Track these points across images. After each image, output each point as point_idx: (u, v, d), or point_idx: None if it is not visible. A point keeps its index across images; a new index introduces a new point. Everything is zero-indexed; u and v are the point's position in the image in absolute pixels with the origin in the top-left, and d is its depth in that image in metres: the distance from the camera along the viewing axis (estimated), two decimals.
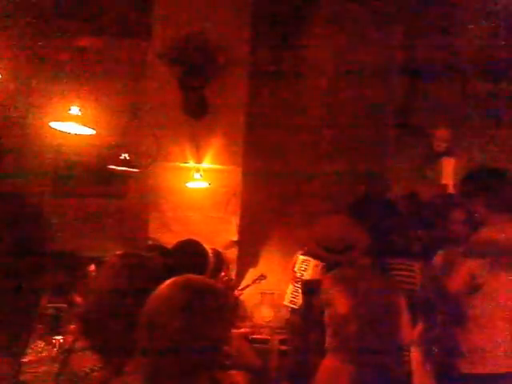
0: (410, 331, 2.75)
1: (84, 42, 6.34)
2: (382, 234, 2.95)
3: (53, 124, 3.77)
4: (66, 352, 2.01)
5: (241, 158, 6.25)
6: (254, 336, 5.87)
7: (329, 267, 3.07)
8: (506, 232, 2.59)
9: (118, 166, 5.31)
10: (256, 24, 6.27)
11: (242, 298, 6.14)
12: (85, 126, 3.70)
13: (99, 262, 5.98)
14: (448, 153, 5.08)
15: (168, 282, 1.38)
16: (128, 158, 5.28)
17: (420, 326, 2.98)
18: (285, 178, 6.32)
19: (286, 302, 5.53)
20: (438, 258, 3.27)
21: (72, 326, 3.41)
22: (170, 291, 1.34)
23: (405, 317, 2.71)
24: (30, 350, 3.32)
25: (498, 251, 2.52)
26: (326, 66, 6.23)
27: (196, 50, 6.07)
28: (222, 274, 5.81)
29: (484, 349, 2.53)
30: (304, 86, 6.36)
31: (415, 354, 2.98)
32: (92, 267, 5.87)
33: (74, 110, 3.63)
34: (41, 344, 3.36)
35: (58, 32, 5.75)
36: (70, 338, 3.09)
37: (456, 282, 2.58)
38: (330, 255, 2.91)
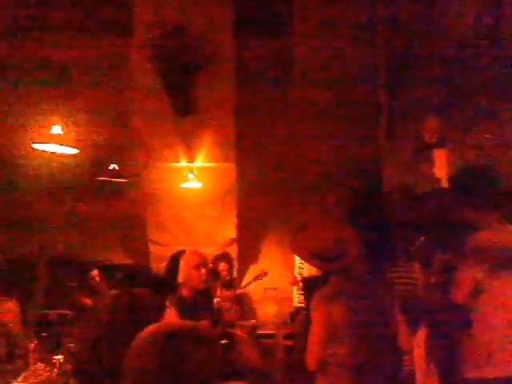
0: (408, 338, 2.72)
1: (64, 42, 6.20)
2: (380, 237, 2.87)
3: (35, 145, 3.68)
4: None
5: (234, 155, 6.19)
6: (259, 332, 5.89)
7: (322, 275, 3.03)
8: (503, 234, 2.55)
9: (108, 177, 5.28)
10: (239, 18, 6.16)
11: (244, 294, 6.16)
12: (68, 145, 3.62)
13: (101, 268, 6.00)
14: (439, 144, 4.99)
15: (148, 328, 1.40)
16: (117, 168, 5.26)
17: (424, 330, 2.95)
18: (280, 172, 6.27)
19: (296, 304, 5.60)
20: (438, 261, 3.24)
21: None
22: (148, 338, 1.36)
23: (402, 325, 2.67)
24: (30, 372, 3.32)
25: (498, 254, 2.48)
26: (312, 61, 6.12)
27: (179, 46, 5.97)
28: (225, 272, 5.82)
29: (489, 352, 2.50)
30: (292, 81, 6.27)
31: (418, 354, 2.96)
32: (95, 272, 5.88)
33: (56, 130, 3.54)
34: (41, 366, 3.36)
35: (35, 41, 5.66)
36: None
37: (461, 289, 2.54)
38: (323, 263, 2.86)
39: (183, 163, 6.22)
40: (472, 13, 5.05)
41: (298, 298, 5.53)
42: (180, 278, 3.20)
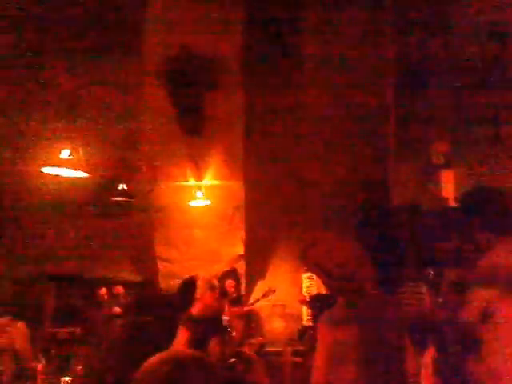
0: (414, 359, 2.72)
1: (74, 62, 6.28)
2: (390, 258, 2.87)
3: (44, 169, 3.76)
4: None
5: (242, 172, 6.25)
6: (267, 349, 5.88)
7: (331, 293, 3.04)
8: None
9: (117, 197, 5.34)
10: (248, 36, 6.24)
11: (252, 311, 6.16)
12: (77, 168, 3.65)
13: (110, 286, 6.01)
14: (447, 165, 5.02)
15: (154, 357, 1.41)
16: (126, 187, 5.30)
17: (431, 350, 2.96)
18: (288, 188, 6.30)
19: (305, 323, 5.60)
20: (445, 284, 3.25)
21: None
22: (154, 365, 1.37)
23: (408, 346, 2.67)
24: None
25: (510, 277, 2.48)
26: (320, 76, 6.18)
27: (188, 65, 6.06)
28: (232, 289, 5.83)
29: (496, 374, 2.49)
30: (299, 96, 6.32)
31: (425, 375, 2.97)
32: (103, 291, 5.89)
33: (65, 154, 3.62)
34: None
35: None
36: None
37: (470, 310, 2.54)
38: (335, 282, 2.87)
39: (192, 182, 6.28)
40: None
41: (307, 317, 5.53)
42: (197, 294, 3.29)
